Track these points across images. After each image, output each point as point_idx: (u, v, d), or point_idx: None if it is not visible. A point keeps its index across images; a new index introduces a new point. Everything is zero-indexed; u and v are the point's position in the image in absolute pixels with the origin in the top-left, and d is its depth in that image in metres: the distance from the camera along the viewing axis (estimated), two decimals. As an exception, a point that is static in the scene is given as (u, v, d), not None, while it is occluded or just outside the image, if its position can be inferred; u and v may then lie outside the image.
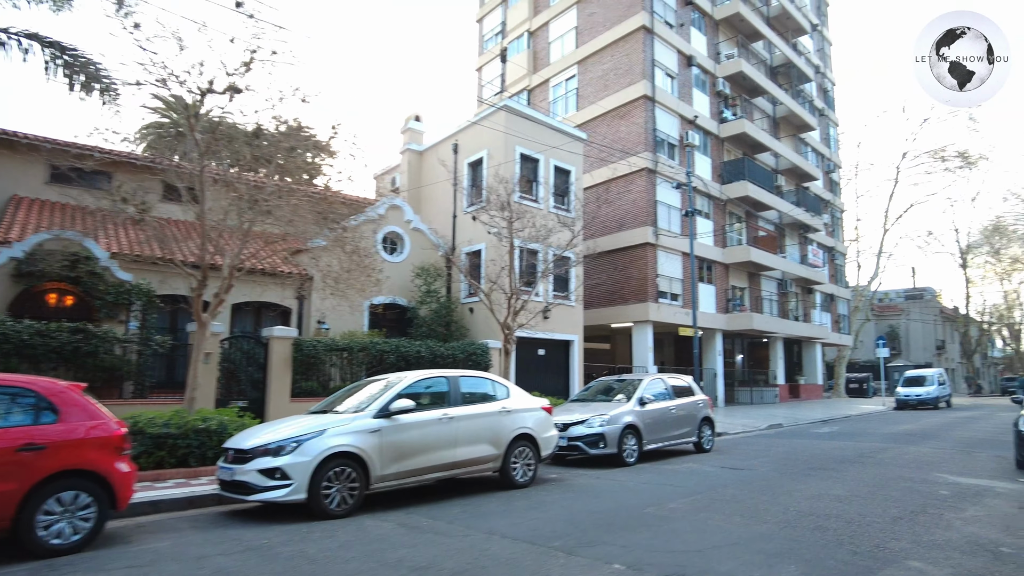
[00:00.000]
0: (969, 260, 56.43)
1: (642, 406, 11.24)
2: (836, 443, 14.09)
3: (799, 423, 20.38)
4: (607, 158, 25.76)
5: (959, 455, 11.91)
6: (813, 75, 39.31)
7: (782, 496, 7.77)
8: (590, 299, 26.12)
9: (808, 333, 34.09)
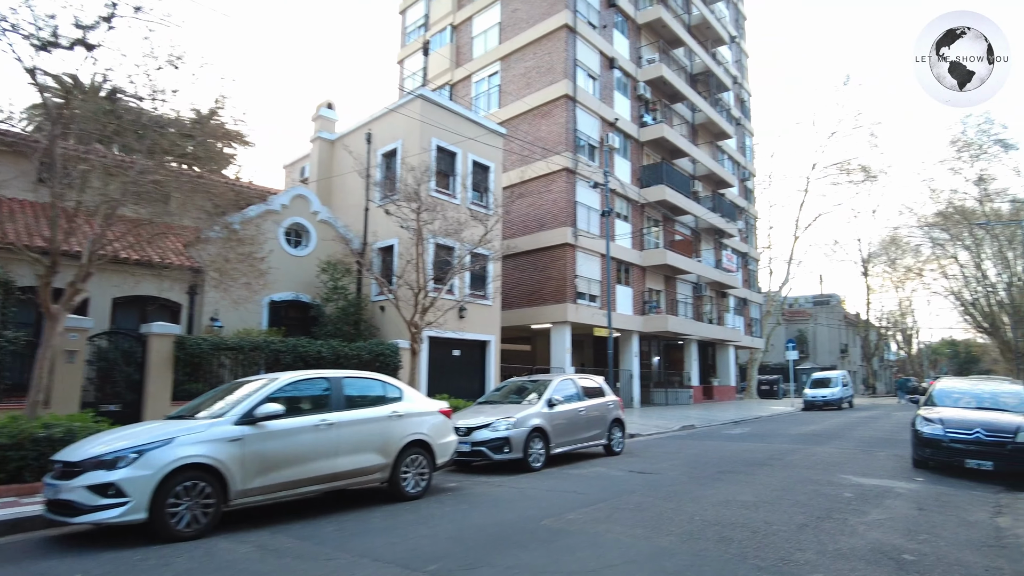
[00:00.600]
0: (870, 269, 59.68)
1: (551, 408, 10.70)
2: (747, 445, 14.05)
3: (712, 424, 20.51)
4: (528, 157, 25.34)
5: (861, 455, 12.01)
6: (731, 85, 40.45)
7: (688, 503, 7.36)
8: (510, 299, 25.62)
9: (722, 336, 34.89)
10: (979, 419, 9.50)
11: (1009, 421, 9.31)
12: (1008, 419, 9.42)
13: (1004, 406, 10.22)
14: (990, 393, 10.75)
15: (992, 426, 9.22)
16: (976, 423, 9.36)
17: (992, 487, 8.72)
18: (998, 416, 9.62)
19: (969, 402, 10.58)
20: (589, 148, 26.32)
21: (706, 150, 35.94)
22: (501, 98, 27.75)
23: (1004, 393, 10.70)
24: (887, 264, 61.43)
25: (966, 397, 10.76)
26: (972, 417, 9.62)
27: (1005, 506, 7.54)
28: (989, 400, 10.51)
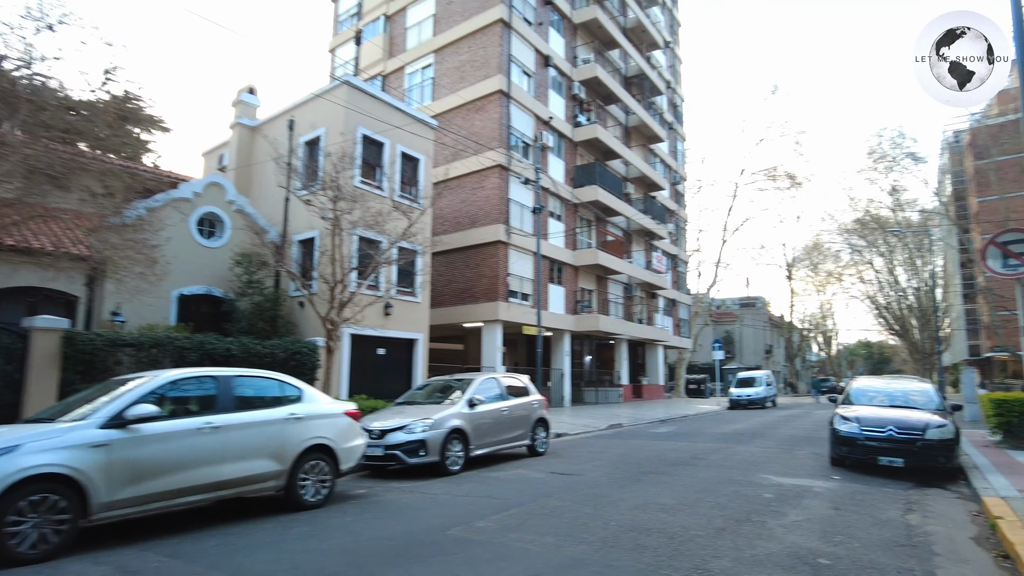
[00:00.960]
0: (793, 273, 62.00)
1: (471, 408, 10.23)
2: (671, 444, 13.98)
3: (639, 423, 20.53)
4: (462, 152, 24.81)
5: (782, 454, 12.09)
6: (664, 89, 41.08)
7: (606, 507, 7.04)
8: (442, 297, 25.03)
9: (651, 336, 35.32)
10: (892, 417, 9.62)
11: (919, 419, 9.46)
12: (918, 416, 9.57)
13: (914, 404, 10.43)
14: (902, 391, 10.97)
15: (903, 424, 9.34)
16: (889, 421, 9.47)
17: (903, 483, 8.81)
18: (909, 414, 9.77)
19: (883, 400, 10.76)
20: (523, 146, 26.03)
21: (639, 153, 36.32)
22: (435, 91, 27.12)
23: (914, 391, 10.94)
24: (810, 268, 64.05)
25: (880, 396, 10.95)
26: (885, 415, 9.74)
27: (915, 503, 7.57)
28: (901, 398, 10.72)
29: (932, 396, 10.60)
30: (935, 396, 10.60)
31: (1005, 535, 5.77)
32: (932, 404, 10.35)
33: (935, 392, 10.78)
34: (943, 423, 9.30)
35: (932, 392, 10.78)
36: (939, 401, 10.43)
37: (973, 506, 7.54)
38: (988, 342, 51.78)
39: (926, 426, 9.19)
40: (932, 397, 10.57)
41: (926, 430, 9.12)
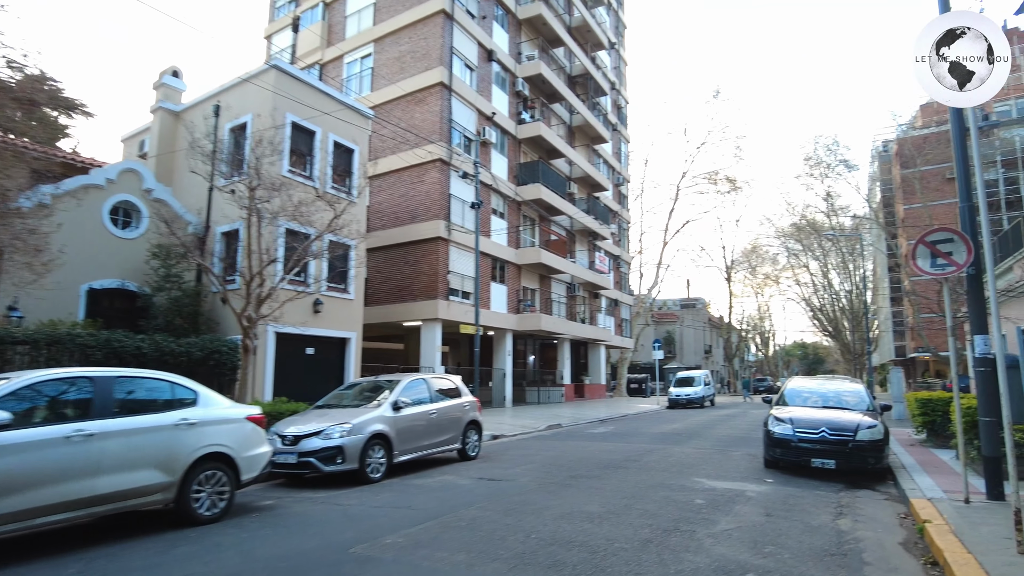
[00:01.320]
0: (732, 275, 63.37)
1: (396, 411, 9.64)
2: (607, 445, 13.70)
3: (579, 423, 20.29)
4: (401, 144, 24.10)
5: (717, 455, 11.94)
6: (609, 90, 41.20)
7: (530, 516, 6.59)
8: (380, 294, 24.26)
9: (594, 335, 35.30)
10: (825, 418, 9.54)
11: (850, 420, 9.40)
12: (849, 417, 9.52)
13: (846, 404, 10.42)
14: (835, 392, 10.96)
15: (836, 425, 9.26)
16: (822, 422, 9.37)
17: (834, 485, 8.71)
18: (841, 415, 9.72)
19: (816, 401, 10.72)
20: (465, 140, 25.47)
21: (582, 153, 36.27)
22: (374, 81, 26.27)
23: (847, 392, 10.95)
24: (748, 271, 65.68)
25: (814, 396, 10.91)
26: (818, 416, 9.66)
27: (845, 506, 7.41)
28: (834, 399, 10.69)
29: (863, 397, 10.61)
30: (866, 397, 10.61)
31: (933, 540, 5.61)
32: (863, 405, 10.35)
33: (866, 393, 10.81)
34: (873, 424, 9.26)
35: (863, 393, 10.80)
36: (869, 402, 10.45)
37: (901, 508, 7.44)
38: (913, 343, 54.14)
39: (857, 427, 9.13)
40: (863, 398, 10.58)
41: (857, 431, 9.06)
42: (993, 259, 6.11)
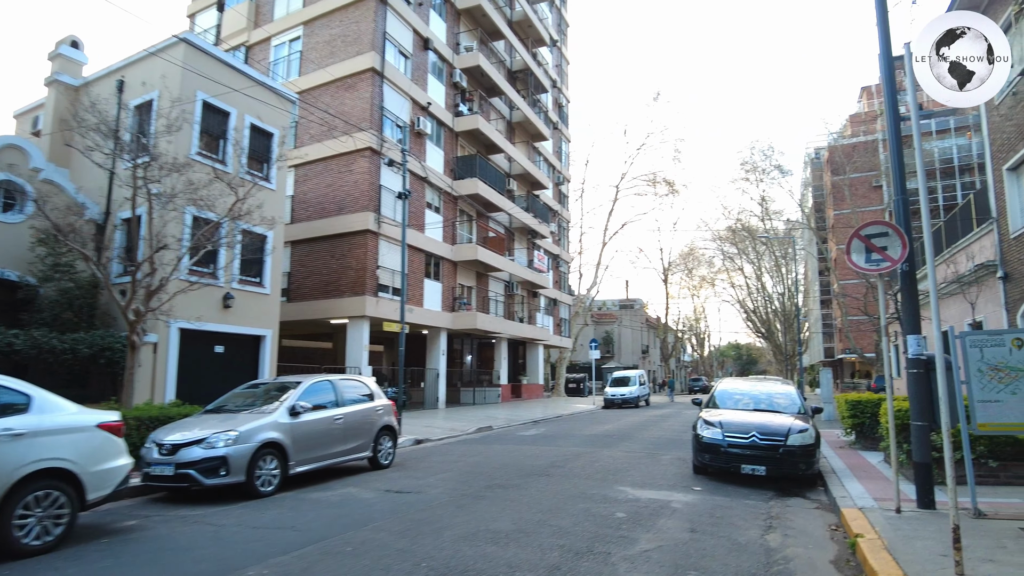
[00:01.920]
0: (670, 277, 64.12)
1: (294, 417, 8.64)
2: (535, 448, 13.02)
3: (511, 424, 19.59)
4: (330, 132, 22.86)
5: (646, 459, 11.41)
6: (550, 88, 40.75)
7: (429, 538, 5.78)
8: (305, 290, 22.98)
9: (532, 335, 34.73)
10: (755, 422, 9.09)
11: (781, 424, 8.98)
12: (781, 421, 9.11)
13: (778, 407, 10.03)
14: (766, 394, 10.57)
15: (766, 429, 8.82)
16: (752, 426, 8.92)
17: (765, 493, 8.25)
18: (772, 418, 9.30)
19: (748, 404, 10.29)
20: (398, 130, 24.42)
21: (522, 150, 35.66)
22: (302, 66, 24.90)
23: (778, 394, 10.57)
24: (685, 273, 66.66)
25: (745, 398, 10.48)
26: (749, 420, 9.21)
27: (775, 518, 6.91)
28: (765, 402, 10.30)
29: (794, 399, 10.25)
30: (797, 399, 10.25)
31: (867, 559, 5.10)
32: (794, 407, 9.98)
33: (797, 395, 10.46)
34: (804, 427, 8.86)
35: (795, 395, 10.44)
36: (801, 404, 10.09)
37: (832, 518, 6.99)
38: (841, 344, 55.98)
39: (788, 431, 8.70)
40: (794, 400, 10.22)
41: (788, 436, 8.63)
42: (932, 254, 5.67)
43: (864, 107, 60.40)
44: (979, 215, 17.30)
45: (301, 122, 24.27)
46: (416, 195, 24.82)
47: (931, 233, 5.88)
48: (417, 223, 24.75)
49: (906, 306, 6.97)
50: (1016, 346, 6.34)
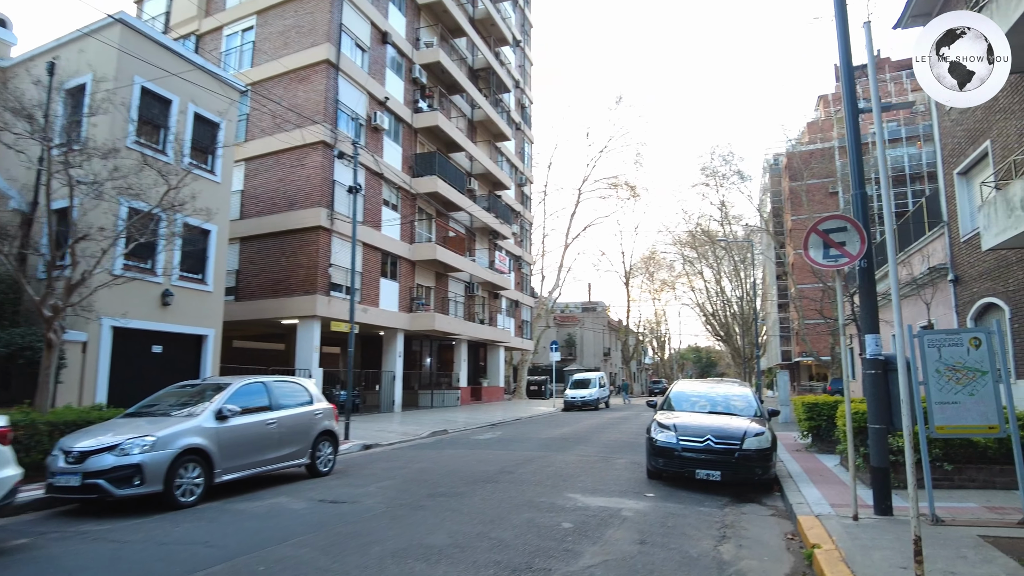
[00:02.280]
0: (631, 280, 64.39)
1: (221, 421, 7.99)
2: (488, 453, 12.55)
3: (467, 428, 19.08)
4: (283, 125, 22.04)
5: (600, 463, 11.04)
6: (513, 88, 40.41)
7: (354, 555, 5.25)
8: (254, 288, 22.11)
9: (492, 336, 34.24)
10: (710, 425, 8.78)
11: (737, 427, 8.69)
12: (737, 424, 8.82)
13: (734, 410, 9.76)
14: (723, 396, 10.30)
15: (722, 433, 8.51)
16: (708, 430, 8.60)
17: (719, 499, 7.93)
18: (728, 421, 9.01)
19: (704, 406, 10.00)
20: (355, 126, 23.71)
21: (484, 149, 35.18)
22: (255, 57, 24.00)
23: (735, 396, 10.31)
24: (646, 276, 67.07)
25: (701, 400, 10.19)
26: (704, 423, 8.89)
27: (730, 526, 6.57)
28: (722, 404, 10.02)
29: (751, 401, 10.00)
30: (754, 401, 10.00)
31: (823, 572, 4.76)
32: (751, 410, 9.72)
33: (754, 397, 10.21)
34: (760, 431, 8.59)
35: (751, 397, 10.19)
36: (757, 406, 9.83)
37: (788, 526, 6.69)
38: (798, 348, 56.87)
39: (744, 435, 8.41)
40: (751, 402, 9.96)
41: (744, 439, 8.33)
42: (895, 249, 5.40)
43: (821, 115, 61.67)
44: (931, 219, 17.48)
45: (253, 114, 23.39)
46: (372, 192, 24.14)
47: (893, 229, 5.61)
48: (373, 220, 24.06)
49: (864, 304, 6.71)
50: (974, 346, 6.13)
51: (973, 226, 15.08)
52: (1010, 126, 12.33)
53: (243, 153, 23.21)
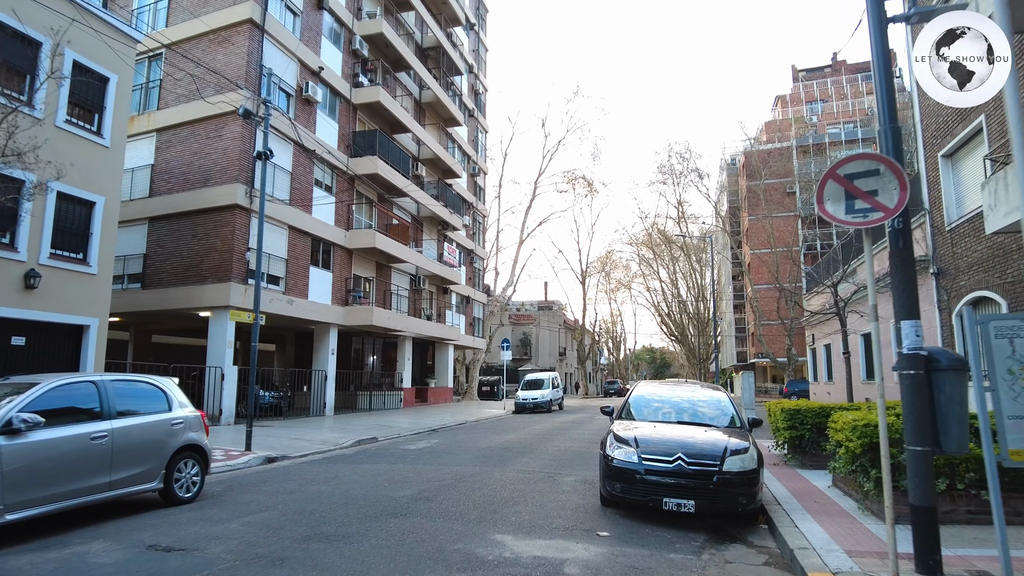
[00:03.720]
0: (587, 279, 63.04)
1: (10, 437, 5.70)
2: (411, 469, 10.46)
3: (403, 435, 16.93)
4: (199, 91, 19.47)
5: (544, 483, 9.06)
6: (466, 72, 38.32)
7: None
8: (163, 274, 19.48)
9: (440, 334, 31.98)
10: (680, 440, 6.88)
11: (714, 442, 6.82)
12: (713, 439, 6.94)
13: (707, 419, 7.89)
14: (689, 402, 8.42)
15: (696, 450, 6.62)
16: (678, 446, 6.70)
17: (693, 538, 6.04)
18: (703, 435, 7.12)
19: (668, 414, 8.11)
20: (284, 96, 21.26)
21: (433, 133, 32.94)
22: (172, 15, 21.29)
23: (703, 401, 8.46)
24: (603, 276, 65.78)
25: (666, 407, 8.29)
26: (673, 436, 6.99)
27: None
28: (689, 411, 8.14)
29: (726, 408, 8.14)
30: (730, 408, 8.14)
31: None
32: (726, 418, 7.87)
33: (729, 403, 8.34)
34: (743, 446, 6.73)
35: (726, 403, 8.33)
36: (734, 414, 7.98)
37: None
38: (753, 349, 56.28)
39: (724, 452, 6.54)
40: (726, 410, 8.10)
41: (724, 459, 6.45)
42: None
43: (779, 115, 61.39)
44: (911, 206, 16.14)
45: (167, 80, 20.71)
46: (302, 170, 21.73)
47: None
48: (302, 201, 21.64)
49: (899, 279, 4.88)
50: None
51: (960, 213, 13.70)
52: (1014, 94, 10.83)
53: (155, 123, 20.53)
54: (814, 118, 57.06)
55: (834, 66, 61.69)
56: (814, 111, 58.58)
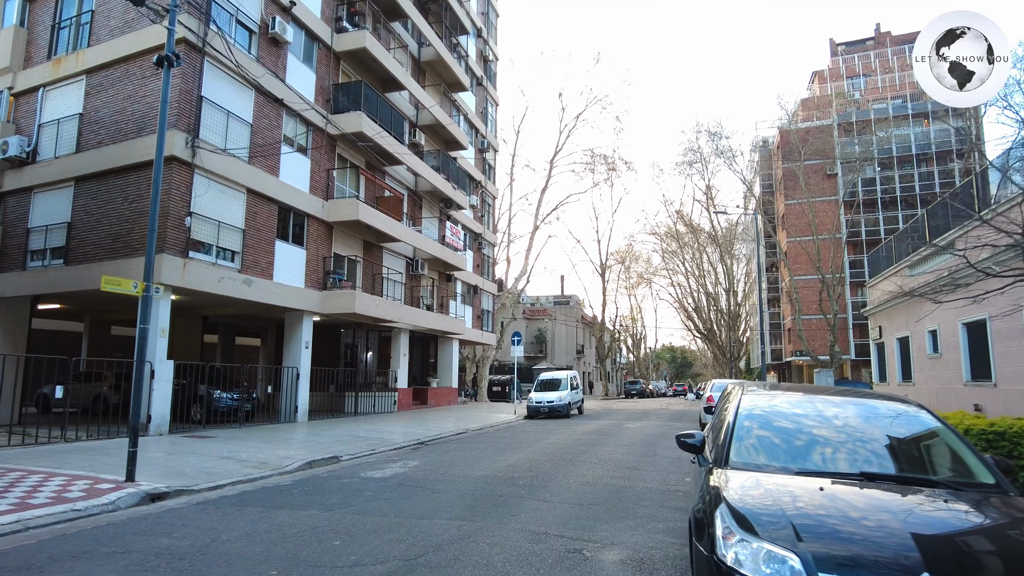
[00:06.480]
0: (607, 273, 58.69)
1: None
2: (349, 523, 6.49)
3: (376, 451, 12.98)
4: (136, 21, 15.68)
5: (566, 562, 4.95)
6: (474, 35, 34.34)
7: None
8: (89, 247, 15.69)
9: (442, 326, 27.88)
10: (906, 533, 2.72)
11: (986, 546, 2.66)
12: (973, 526, 2.79)
13: (914, 467, 3.73)
14: (866, 429, 4.23)
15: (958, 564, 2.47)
16: (910, 550, 2.54)
17: None
18: (944, 517, 2.96)
19: (834, 455, 3.94)
20: (244, 31, 17.33)
21: (434, 97, 28.86)
22: (107, -66, 17.44)
23: (891, 430, 4.26)
24: (623, 269, 61.43)
25: (822, 440, 4.10)
26: (883, 523, 2.83)
27: None
28: (870, 450, 3.96)
29: (951, 445, 3.95)
30: (960, 446, 3.94)
31: None
32: (964, 469, 3.70)
33: (952, 433, 4.12)
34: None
35: (946, 434, 4.11)
36: (975, 461, 3.80)
37: None
38: (790, 346, 51.64)
39: None
40: (954, 449, 3.92)
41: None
42: None
43: (816, 91, 56.65)
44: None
45: (99, 11, 16.90)
46: (266, 123, 17.79)
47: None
48: (266, 161, 17.71)
49: None
50: None
51: None
52: None
53: (84, 62, 16.71)
54: (856, 94, 52.29)
55: (877, 38, 56.82)
56: (856, 87, 53.79)
